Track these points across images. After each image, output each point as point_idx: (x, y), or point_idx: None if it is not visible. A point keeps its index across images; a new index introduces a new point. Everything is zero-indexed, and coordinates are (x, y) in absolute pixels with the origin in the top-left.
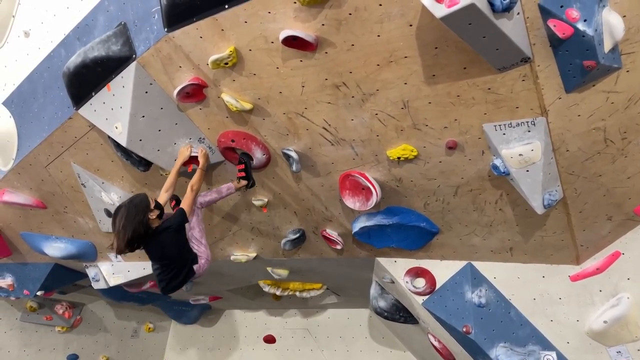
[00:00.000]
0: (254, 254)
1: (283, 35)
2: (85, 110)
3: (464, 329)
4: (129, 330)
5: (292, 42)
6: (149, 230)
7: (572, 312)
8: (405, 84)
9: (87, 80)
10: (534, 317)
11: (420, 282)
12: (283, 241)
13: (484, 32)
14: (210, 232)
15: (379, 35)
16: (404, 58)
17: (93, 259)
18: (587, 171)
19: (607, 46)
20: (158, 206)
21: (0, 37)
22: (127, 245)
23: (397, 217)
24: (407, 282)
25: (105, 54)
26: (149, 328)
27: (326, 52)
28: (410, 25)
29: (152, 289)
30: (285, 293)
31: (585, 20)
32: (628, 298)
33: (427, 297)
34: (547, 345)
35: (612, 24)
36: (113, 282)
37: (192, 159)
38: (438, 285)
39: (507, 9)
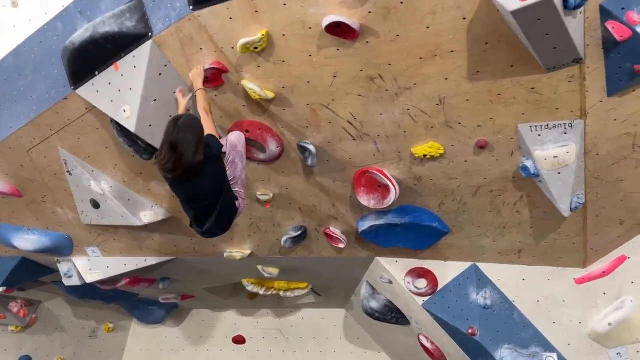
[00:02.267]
0: (248, 252)
1: (328, 20)
2: (85, 91)
3: (470, 331)
4: (87, 330)
5: (335, 29)
6: (199, 160)
7: (575, 315)
8: (446, 79)
9: (92, 57)
10: (537, 319)
11: (422, 283)
12: (284, 238)
13: (549, 29)
14: None
15: (428, 27)
16: (450, 52)
17: (68, 254)
18: (611, 176)
19: None
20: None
21: None
22: (184, 167)
23: (410, 216)
24: (408, 282)
25: (118, 30)
26: (109, 328)
27: (367, 42)
28: (464, 19)
29: (126, 287)
30: (269, 292)
31: None
32: (632, 301)
33: (428, 298)
34: (548, 347)
35: None
36: (90, 279)
37: None
38: (440, 287)
39: (578, 6)
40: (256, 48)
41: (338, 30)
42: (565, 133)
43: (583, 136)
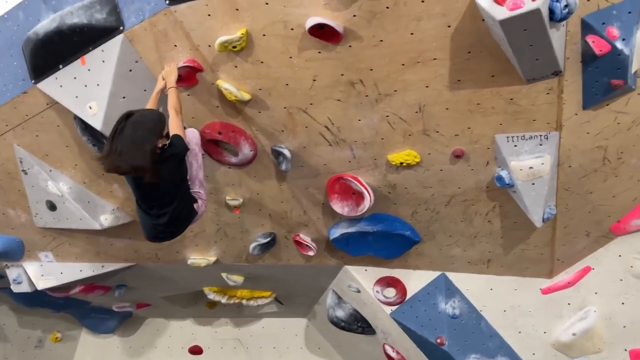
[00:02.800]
0: (214, 258)
1: (312, 22)
2: (47, 85)
3: (438, 340)
4: (33, 340)
5: (318, 31)
6: (155, 158)
7: (540, 324)
8: (427, 87)
9: (58, 49)
10: (503, 328)
11: (391, 292)
12: (252, 245)
13: (534, 40)
14: None
15: (412, 34)
16: (432, 60)
17: (18, 258)
18: (581, 188)
19: (634, 67)
20: (167, 134)
21: None
22: (134, 170)
23: (382, 224)
24: (377, 291)
25: (87, 22)
26: (56, 338)
27: (350, 46)
28: (449, 27)
29: (79, 295)
30: (232, 301)
31: (623, 40)
32: (595, 311)
33: (396, 307)
34: (514, 357)
35: None
36: (42, 285)
37: None
38: (408, 296)
39: (564, 19)
40: (235, 47)
41: (321, 32)
42: (541, 144)
43: (557, 148)
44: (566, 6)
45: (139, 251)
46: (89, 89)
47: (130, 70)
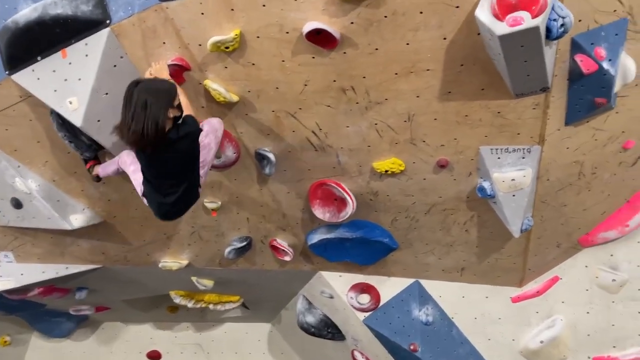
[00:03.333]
0: (186, 262)
1: (310, 26)
2: (23, 77)
3: (411, 347)
4: None
5: (314, 36)
6: (162, 132)
7: (509, 332)
8: (418, 97)
9: (37, 40)
10: (474, 335)
11: (365, 299)
12: (228, 249)
13: (530, 56)
14: (139, 234)
15: (408, 44)
16: (425, 70)
17: None
18: (557, 200)
19: (617, 87)
20: (180, 106)
21: None
22: (137, 140)
23: (362, 231)
24: (351, 297)
25: (72, 14)
26: (5, 341)
27: (344, 53)
28: (444, 39)
29: (36, 298)
30: (198, 305)
31: (610, 60)
32: (562, 320)
33: (369, 314)
34: None
35: (627, 67)
36: (1, 287)
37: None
38: (382, 302)
39: (559, 37)
40: (227, 48)
41: (317, 37)
42: (523, 157)
43: (538, 161)
44: (562, 25)
45: (107, 253)
46: (70, 83)
47: (115, 66)
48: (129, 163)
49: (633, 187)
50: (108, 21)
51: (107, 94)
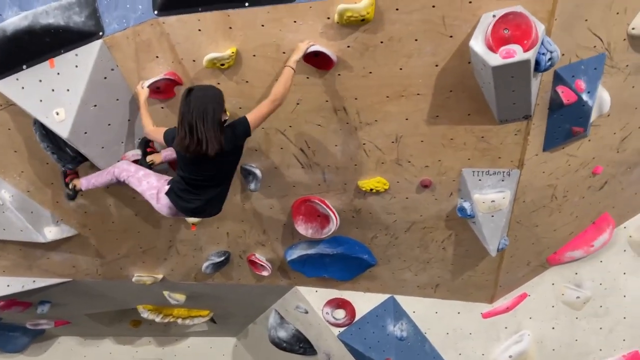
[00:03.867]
0: (161, 276)
1: (311, 48)
2: (6, 85)
3: None
4: None
5: (312, 57)
6: (221, 130)
7: (479, 347)
8: (407, 119)
9: (23, 49)
10: (445, 350)
11: (341, 314)
12: (206, 264)
13: (518, 86)
14: (114, 248)
15: (401, 69)
16: (416, 95)
17: None
18: (530, 221)
19: (593, 117)
20: (225, 110)
21: None
22: (199, 149)
23: (342, 247)
24: (327, 313)
25: (64, 24)
26: None
27: (339, 74)
28: (436, 66)
29: None
30: (166, 320)
31: (588, 92)
32: (529, 335)
33: (344, 329)
34: None
35: (603, 99)
36: None
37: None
38: (357, 318)
39: (546, 69)
40: (223, 64)
41: (314, 59)
42: (503, 180)
43: (517, 184)
44: (550, 59)
45: (78, 266)
46: (57, 94)
47: (105, 78)
48: (135, 170)
49: (599, 209)
50: (101, 33)
51: (95, 105)
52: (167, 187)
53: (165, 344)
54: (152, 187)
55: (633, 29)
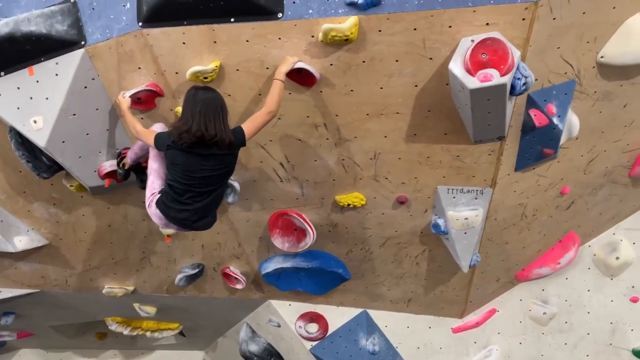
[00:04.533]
0: (132, 288)
1: (296, 65)
2: None
3: None
4: None
5: (295, 74)
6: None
7: None
8: (385, 137)
9: (4, 55)
10: None
11: (314, 327)
12: (179, 276)
13: (494, 108)
14: (85, 259)
15: (381, 88)
16: (395, 113)
17: None
18: (501, 238)
19: (563, 140)
20: None
21: None
22: (205, 133)
23: (317, 261)
24: (299, 326)
25: (46, 32)
26: None
27: (321, 91)
28: (416, 86)
29: None
30: (135, 333)
31: (559, 116)
32: (497, 350)
33: (316, 343)
34: None
35: (573, 123)
36: None
37: (112, 174)
38: (330, 332)
39: (521, 94)
40: (206, 78)
41: (298, 75)
42: (476, 198)
43: (489, 202)
44: (524, 84)
45: (47, 277)
46: (35, 102)
47: (85, 87)
48: (153, 157)
49: (566, 228)
50: (83, 42)
51: (74, 115)
52: (157, 197)
53: (131, 357)
54: (152, 189)
55: (602, 57)
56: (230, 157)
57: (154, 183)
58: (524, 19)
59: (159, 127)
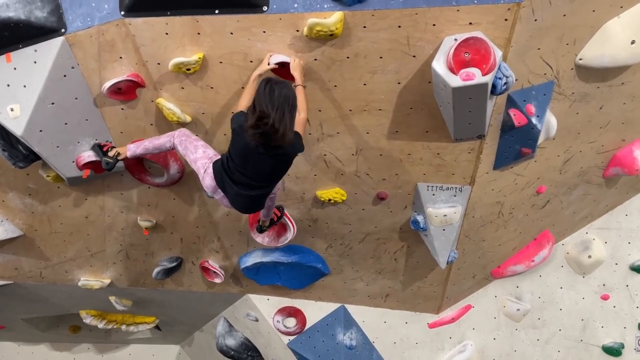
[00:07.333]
0: (108, 281)
1: (276, 59)
2: None
3: None
4: None
5: (279, 68)
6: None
7: (425, 356)
8: (368, 133)
9: None
10: (392, 359)
11: (292, 322)
12: (157, 270)
13: (474, 107)
14: (60, 250)
15: (365, 84)
16: (378, 110)
17: None
18: (478, 235)
19: (540, 140)
20: None
21: None
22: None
23: (297, 256)
24: (277, 321)
25: (25, 18)
26: None
27: (304, 86)
28: (399, 83)
29: None
30: (110, 326)
31: (538, 116)
32: (472, 345)
33: (294, 337)
34: None
35: (551, 123)
36: None
37: (90, 164)
38: (307, 326)
39: (502, 93)
40: (188, 69)
41: (281, 69)
42: (455, 196)
43: (467, 200)
44: (505, 83)
45: (21, 268)
46: (13, 89)
47: (65, 76)
48: (195, 137)
49: (540, 227)
50: (63, 30)
51: (53, 103)
52: (216, 159)
53: (105, 351)
54: (207, 157)
55: (580, 59)
56: (285, 156)
57: (207, 151)
58: (506, 20)
59: None
